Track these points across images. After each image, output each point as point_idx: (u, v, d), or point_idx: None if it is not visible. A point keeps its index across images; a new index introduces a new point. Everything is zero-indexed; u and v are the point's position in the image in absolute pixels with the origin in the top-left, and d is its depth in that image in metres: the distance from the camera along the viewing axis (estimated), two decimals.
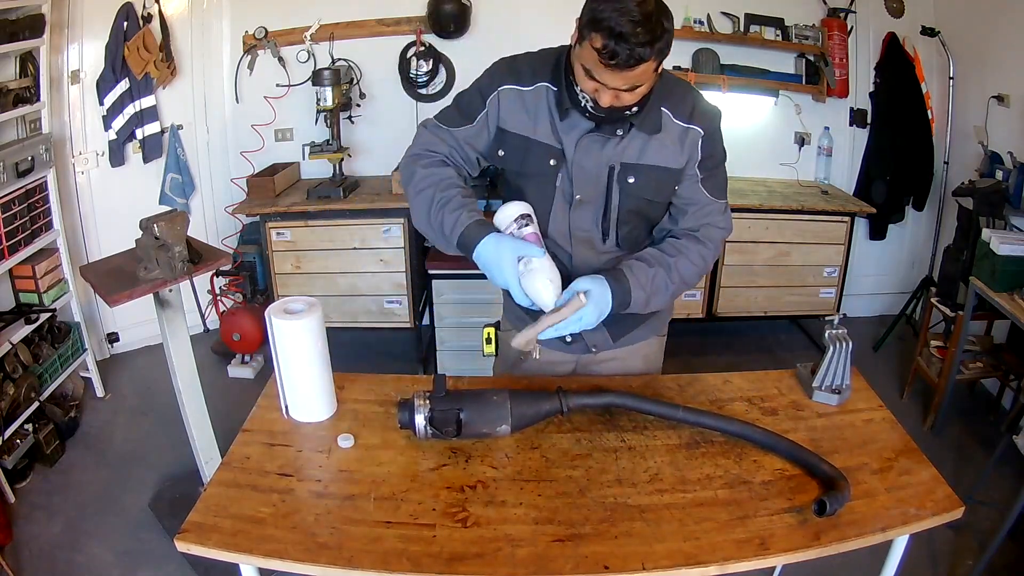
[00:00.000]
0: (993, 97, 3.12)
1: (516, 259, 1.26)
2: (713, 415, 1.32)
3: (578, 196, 1.40)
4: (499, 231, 1.31)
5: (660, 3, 1.19)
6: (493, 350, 1.69)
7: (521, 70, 1.38)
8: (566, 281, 1.31)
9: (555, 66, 1.35)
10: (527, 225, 1.33)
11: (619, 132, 1.34)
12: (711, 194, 1.42)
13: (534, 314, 1.37)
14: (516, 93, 1.38)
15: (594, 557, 1.05)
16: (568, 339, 1.54)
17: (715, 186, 1.42)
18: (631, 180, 1.38)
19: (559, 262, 1.41)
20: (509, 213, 1.33)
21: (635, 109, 1.30)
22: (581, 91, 1.28)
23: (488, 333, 1.68)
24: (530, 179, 1.42)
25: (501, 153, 1.42)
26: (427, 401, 1.28)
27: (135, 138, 3.34)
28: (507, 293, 1.51)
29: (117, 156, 3.34)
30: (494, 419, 1.28)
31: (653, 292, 1.35)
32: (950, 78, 3.37)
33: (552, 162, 1.38)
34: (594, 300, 1.28)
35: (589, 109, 1.29)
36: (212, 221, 3.76)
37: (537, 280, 1.25)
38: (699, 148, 1.37)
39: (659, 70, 1.25)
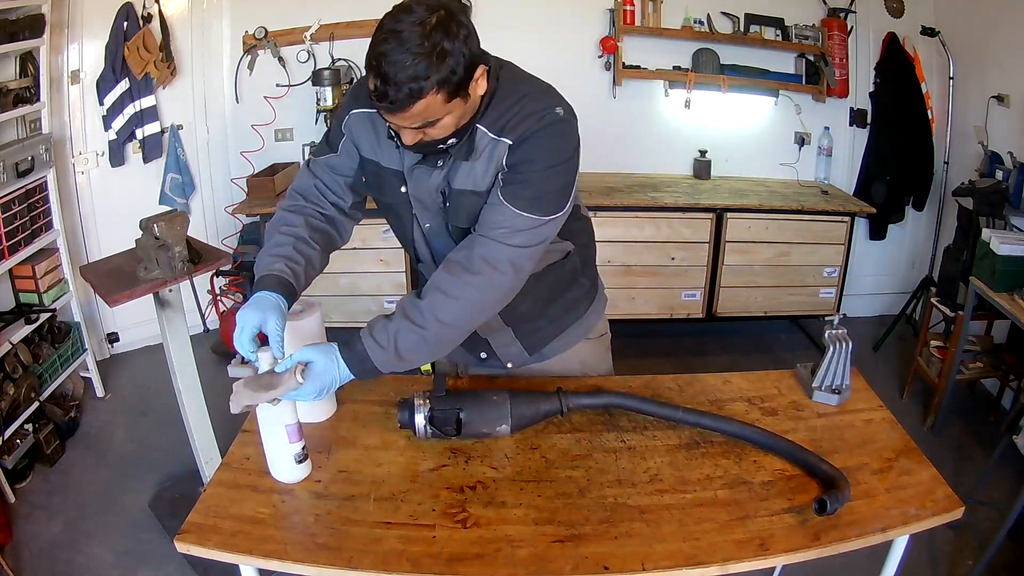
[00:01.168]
0: (993, 97, 3.12)
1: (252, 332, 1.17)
2: (713, 416, 1.32)
3: (427, 224, 1.32)
4: (271, 291, 1.21)
5: (447, 19, 1.03)
6: (430, 368, 1.58)
7: (368, 92, 1.19)
8: None
9: None
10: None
11: (439, 163, 1.22)
12: (512, 204, 1.17)
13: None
14: (366, 116, 1.28)
15: (594, 557, 1.05)
16: (483, 355, 1.48)
17: (523, 197, 1.17)
18: (449, 205, 1.26)
19: (465, 352, 1.41)
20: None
21: (451, 141, 1.16)
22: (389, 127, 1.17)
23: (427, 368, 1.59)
24: (388, 207, 1.35)
25: (363, 179, 1.36)
26: (427, 401, 1.28)
27: (135, 138, 3.34)
28: None
29: (117, 156, 3.34)
30: (494, 419, 1.28)
31: (402, 347, 1.16)
32: (950, 78, 3.37)
33: (403, 189, 1.29)
34: (313, 375, 1.14)
35: (398, 145, 1.20)
36: (212, 221, 3.76)
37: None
38: (503, 159, 1.18)
39: (473, 90, 1.10)
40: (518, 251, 1.19)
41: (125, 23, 3.14)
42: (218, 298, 3.63)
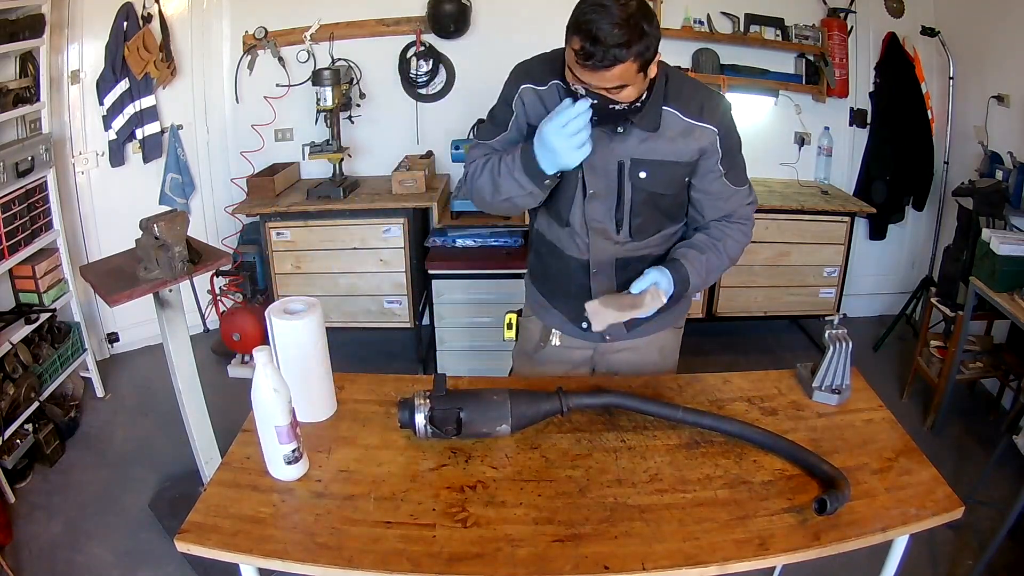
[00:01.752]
0: (993, 97, 3.12)
1: (562, 131, 1.30)
2: (713, 415, 1.32)
3: (592, 190, 1.46)
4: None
5: (644, 6, 1.23)
6: (513, 335, 1.76)
7: (536, 70, 1.45)
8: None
9: (563, 64, 1.38)
10: None
11: (619, 129, 1.39)
12: (735, 184, 1.48)
13: (556, 304, 1.59)
14: (534, 92, 1.44)
15: (594, 557, 1.05)
16: (585, 325, 1.56)
17: (737, 176, 1.49)
18: (642, 175, 1.43)
19: (577, 249, 1.54)
20: None
21: (629, 106, 1.32)
22: (576, 88, 1.31)
23: (510, 319, 1.75)
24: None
25: None
26: (427, 400, 1.28)
27: (135, 138, 3.34)
28: (529, 283, 1.72)
29: (117, 156, 3.34)
30: (494, 418, 1.28)
31: (708, 273, 1.47)
32: (950, 78, 3.37)
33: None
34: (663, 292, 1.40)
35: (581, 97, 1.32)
36: (212, 221, 3.76)
37: None
38: (717, 145, 1.43)
39: (650, 71, 1.28)
40: (753, 206, 1.56)
41: (125, 23, 3.14)
42: (218, 298, 3.63)
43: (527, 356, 1.72)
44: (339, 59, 3.50)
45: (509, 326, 1.75)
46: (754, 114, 3.68)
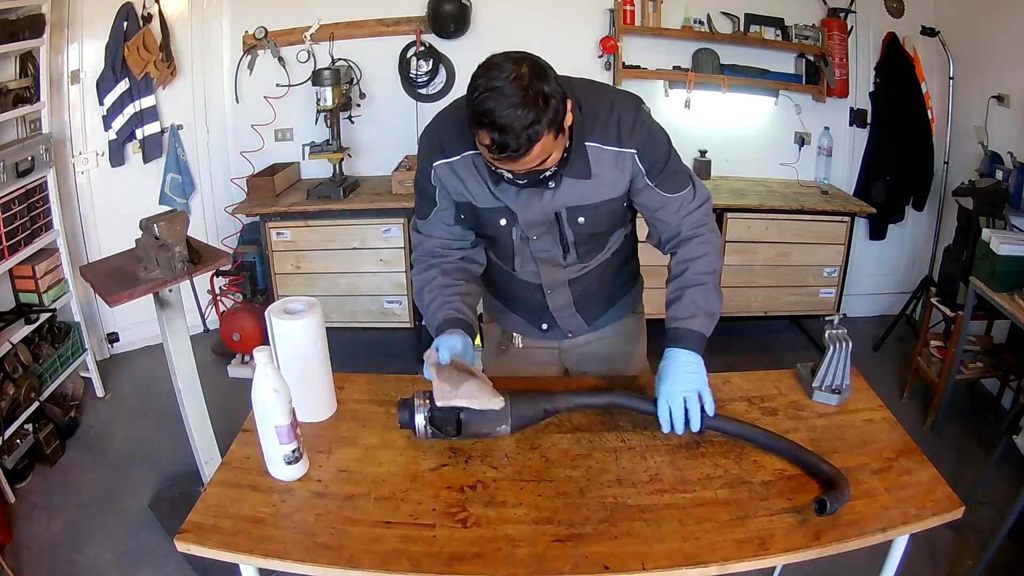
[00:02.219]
0: (993, 97, 3.12)
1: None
2: (713, 415, 1.32)
3: (534, 236, 1.42)
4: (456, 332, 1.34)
5: (535, 67, 1.13)
6: (479, 342, 1.69)
7: (444, 142, 1.35)
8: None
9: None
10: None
11: (551, 184, 1.32)
12: (672, 192, 1.38)
13: (514, 309, 1.59)
14: (447, 166, 1.37)
15: (594, 557, 1.05)
16: (544, 327, 1.60)
17: (673, 182, 1.38)
18: (581, 220, 1.38)
19: (529, 275, 1.50)
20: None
21: (554, 169, 1.26)
22: (500, 171, 1.25)
23: None
24: (489, 238, 1.47)
25: (462, 216, 1.44)
26: (427, 401, 1.28)
27: (135, 138, 3.34)
28: (484, 291, 1.63)
29: (117, 156, 3.34)
30: (494, 419, 1.28)
31: (702, 304, 1.36)
32: (950, 78, 3.37)
33: (503, 221, 1.39)
34: (663, 378, 1.32)
35: (507, 178, 1.26)
36: (212, 221, 3.76)
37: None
38: (639, 163, 1.33)
39: (567, 124, 1.20)
40: (705, 205, 1.43)
41: (125, 23, 3.14)
42: (218, 298, 3.63)
43: (494, 359, 1.71)
44: (339, 59, 3.50)
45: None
46: (754, 114, 3.68)
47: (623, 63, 3.52)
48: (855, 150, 3.77)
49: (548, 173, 1.26)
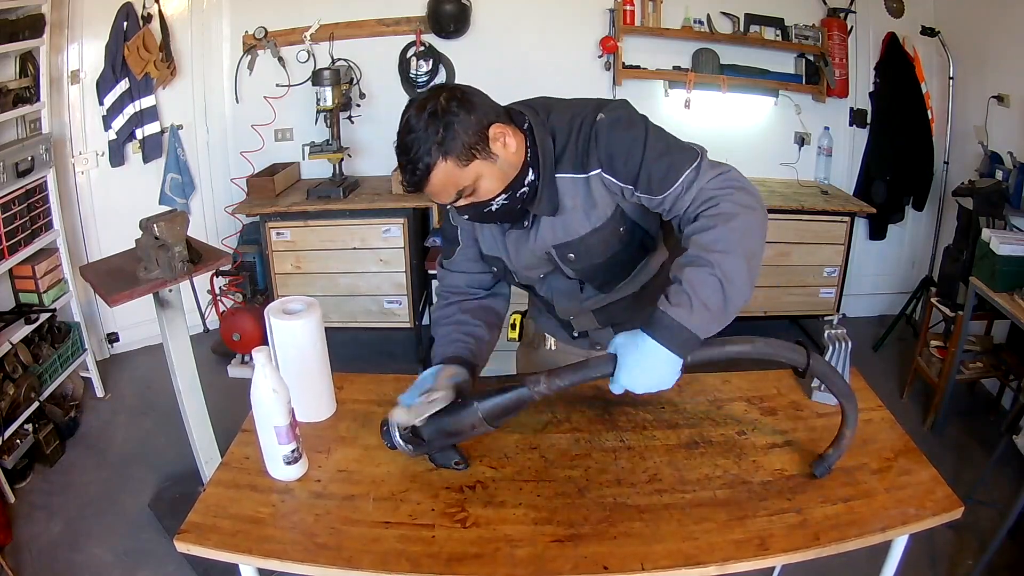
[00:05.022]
0: (993, 97, 3.12)
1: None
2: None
3: (540, 275, 1.40)
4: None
5: (453, 96, 1.11)
6: (516, 336, 1.71)
7: None
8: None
9: None
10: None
11: (526, 224, 1.28)
12: (664, 190, 1.15)
13: (550, 310, 1.48)
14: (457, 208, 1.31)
15: (593, 557, 1.05)
16: (575, 334, 1.55)
17: (661, 179, 1.15)
18: (572, 256, 1.31)
19: (559, 328, 1.52)
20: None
21: (501, 199, 1.18)
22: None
23: (514, 319, 1.70)
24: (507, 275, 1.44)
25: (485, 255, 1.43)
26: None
27: (135, 138, 3.34)
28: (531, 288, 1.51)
29: (117, 156, 3.35)
30: (460, 415, 1.16)
31: (703, 295, 1.06)
32: (950, 78, 3.37)
33: (498, 267, 1.40)
34: (625, 367, 1.07)
35: (450, 211, 1.25)
36: (212, 221, 3.76)
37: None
38: (610, 179, 1.20)
39: (499, 152, 1.14)
40: (722, 177, 1.14)
41: (125, 23, 3.14)
42: (218, 298, 3.63)
43: (528, 355, 1.71)
44: (339, 59, 3.51)
45: (513, 327, 1.71)
46: (754, 114, 3.68)
47: (623, 63, 3.52)
48: (855, 150, 3.77)
49: (496, 207, 1.19)
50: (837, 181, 3.76)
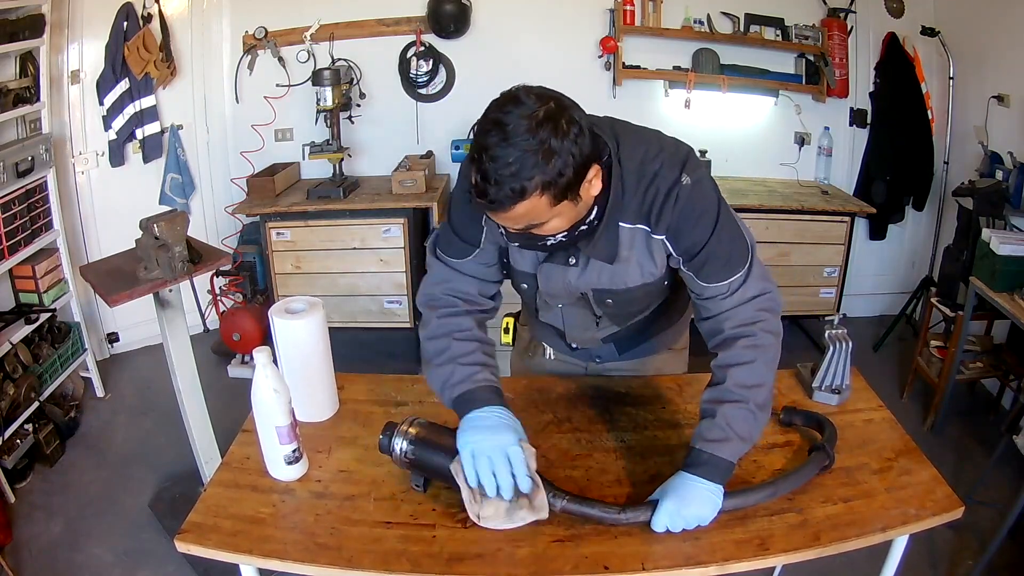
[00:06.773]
0: (993, 97, 3.12)
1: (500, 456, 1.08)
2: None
3: (560, 305, 1.35)
4: (494, 405, 1.14)
5: (556, 113, 0.95)
6: (510, 340, 1.65)
7: None
8: None
9: None
10: None
11: (571, 261, 1.19)
12: (712, 280, 1.16)
13: (548, 319, 1.40)
14: None
15: (594, 557, 1.05)
16: (574, 346, 1.49)
17: (714, 268, 1.15)
18: (609, 301, 1.27)
19: (554, 326, 1.42)
20: None
21: (560, 237, 1.09)
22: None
23: (507, 323, 1.64)
24: (520, 289, 1.36)
25: (505, 261, 1.31)
26: (412, 429, 1.16)
27: (135, 138, 3.34)
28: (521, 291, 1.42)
29: (117, 156, 3.35)
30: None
31: (739, 429, 1.10)
32: (950, 78, 3.37)
33: (525, 285, 1.32)
34: (683, 518, 1.06)
35: (501, 231, 1.12)
36: (212, 221, 3.76)
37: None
38: (669, 248, 1.16)
39: (584, 194, 1.02)
40: (760, 299, 1.17)
41: (125, 23, 3.14)
42: (218, 298, 3.63)
43: (522, 362, 1.66)
44: (339, 59, 3.50)
45: (506, 330, 1.64)
46: (754, 114, 3.68)
47: (623, 63, 3.52)
48: (855, 150, 3.77)
49: (552, 242, 1.10)
50: (837, 181, 3.76)
